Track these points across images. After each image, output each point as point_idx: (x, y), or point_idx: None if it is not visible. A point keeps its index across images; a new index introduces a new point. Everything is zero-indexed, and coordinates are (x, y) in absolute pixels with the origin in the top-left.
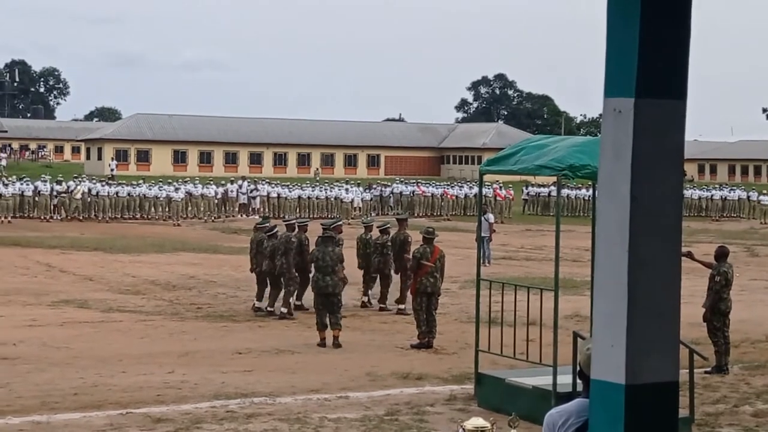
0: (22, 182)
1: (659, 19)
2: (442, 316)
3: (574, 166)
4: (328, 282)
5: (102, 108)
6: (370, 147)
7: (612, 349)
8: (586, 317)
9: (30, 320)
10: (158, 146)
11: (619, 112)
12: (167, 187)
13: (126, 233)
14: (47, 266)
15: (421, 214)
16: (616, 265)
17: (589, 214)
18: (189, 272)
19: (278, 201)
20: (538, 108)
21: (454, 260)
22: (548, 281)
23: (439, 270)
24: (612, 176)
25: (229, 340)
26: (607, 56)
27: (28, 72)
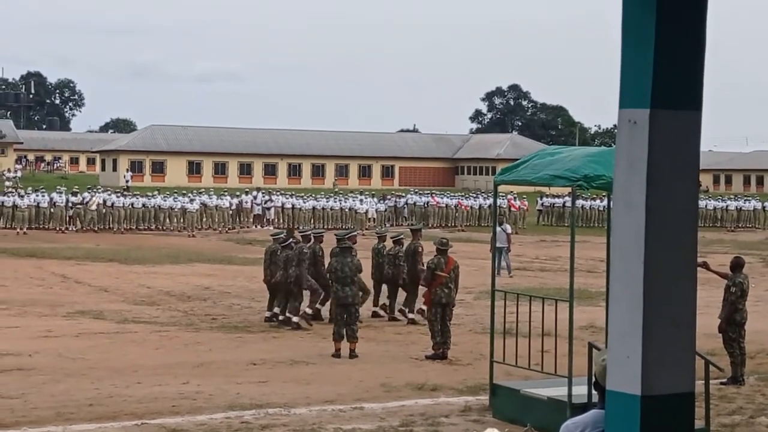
0: (38, 194)
1: (674, 30)
2: (456, 326)
3: (588, 176)
4: (348, 293)
5: (117, 119)
6: (384, 158)
7: (628, 360)
8: (601, 328)
9: (45, 331)
10: (173, 157)
11: (635, 123)
12: (182, 199)
13: (141, 244)
14: (62, 277)
15: (436, 224)
16: (632, 276)
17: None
18: (204, 283)
19: (293, 212)
20: (553, 118)
21: (469, 271)
22: (563, 292)
23: (454, 281)
24: (627, 187)
25: (243, 351)
26: (622, 67)
27: (43, 84)
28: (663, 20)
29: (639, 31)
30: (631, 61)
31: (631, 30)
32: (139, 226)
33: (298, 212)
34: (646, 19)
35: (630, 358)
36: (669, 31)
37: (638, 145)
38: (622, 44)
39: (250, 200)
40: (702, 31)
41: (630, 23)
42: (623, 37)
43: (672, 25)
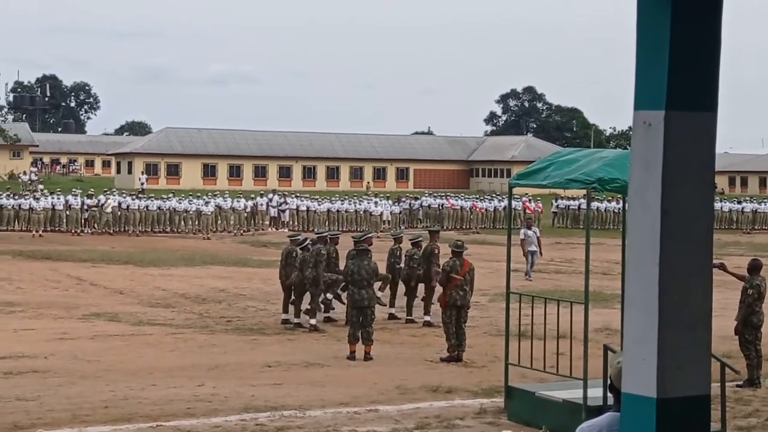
0: (54, 196)
1: (689, 31)
2: (471, 329)
3: (603, 179)
4: (364, 295)
5: (132, 122)
6: (399, 160)
7: (643, 363)
8: (616, 330)
9: (61, 333)
10: (188, 160)
11: (649, 125)
12: (197, 201)
13: (156, 247)
14: (78, 279)
15: (450, 227)
16: (647, 278)
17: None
18: (219, 285)
19: (307, 214)
20: (568, 121)
21: (484, 273)
22: (578, 294)
23: (469, 283)
24: (642, 189)
25: (258, 353)
26: (637, 69)
27: (59, 87)
28: (678, 21)
29: (654, 33)
30: (646, 62)
31: (645, 31)
32: (154, 228)
33: (313, 214)
34: (660, 21)
35: (645, 361)
36: (684, 32)
37: (653, 147)
38: (636, 46)
39: (265, 202)
40: (717, 32)
41: (645, 25)
42: (638, 38)
43: (687, 27)
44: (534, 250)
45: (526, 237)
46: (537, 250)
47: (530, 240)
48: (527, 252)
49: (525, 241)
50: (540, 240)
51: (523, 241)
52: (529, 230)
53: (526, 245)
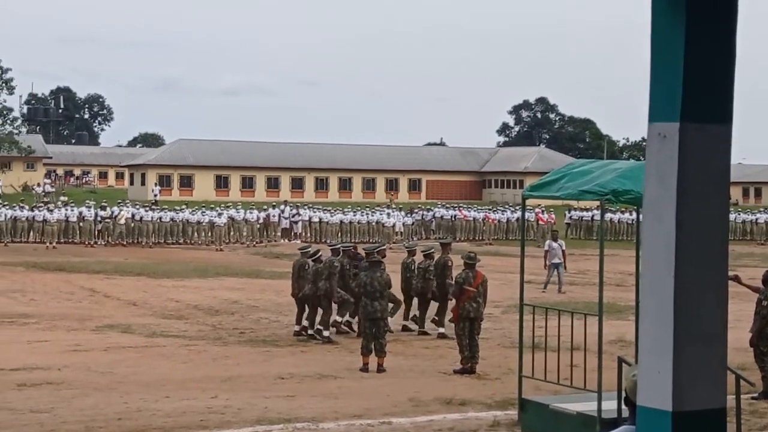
0: (67, 208)
1: (704, 43)
2: (484, 341)
3: (617, 191)
4: (377, 307)
5: (145, 134)
6: (411, 171)
7: (658, 376)
8: (630, 342)
9: (74, 345)
10: (201, 171)
11: (664, 137)
12: (210, 212)
13: (169, 258)
14: (91, 291)
15: (463, 238)
16: (662, 290)
17: (632, 239)
18: (231, 297)
19: (320, 226)
20: (580, 132)
21: (497, 285)
22: (592, 306)
23: (482, 295)
24: (657, 201)
25: (271, 365)
26: (652, 80)
27: (72, 99)
28: (692, 33)
29: (668, 44)
30: (661, 74)
31: (660, 43)
32: (167, 240)
33: (326, 226)
34: (675, 32)
35: (661, 374)
36: (698, 43)
37: (668, 159)
38: (651, 57)
39: (278, 214)
40: (732, 43)
41: (659, 36)
42: (652, 49)
43: (701, 38)
44: (558, 262)
45: (551, 249)
46: (561, 263)
47: (554, 252)
48: (550, 264)
49: (549, 253)
50: (565, 252)
51: (548, 252)
52: (555, 242)
53: (550, 257)
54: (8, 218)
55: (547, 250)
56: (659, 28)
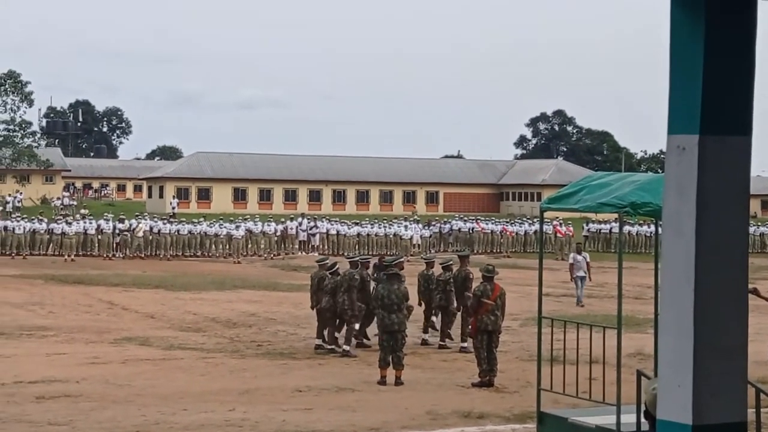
0: (86, 220)
1: (723, 56)
2: (502, 354)
3: (635, 203)
4: (394, 320)
5: (163, 147)
6: (428, 184)
7: (678, 389)
8: (649, 355)
9: (92, 358)
10: (218, 184)
11: (683, 149)
12: (228, 225)
13: (187, 271)
14: (109, 304)
15: (481, 251)
16: (682, 304)
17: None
18: (249, 309)
19: (337, 238)
20: (598, 144)
21: (515, 297)
22: (610, 319)
23: (500, 308)
24: (677, 213)
25: (289, 378)
26: (671, 93)
27: (91, 112)
28: (711, 46)
29: (687, 57)
30: (680, 87)
31: (679, 56)
32: (185, 252)
33: (343, 238)
34: (694, 45)
35: (681, 387)
36: (717, 56)
37: (687, 172)
38: (670, 70)
39: (295, 226)
40: (751, 56)
41: (678, 49)
42: (671, 62)
43: (720, 51)
44: (583, 275)
45: (576, 262)
46: (586, 276)
47: (579, 265)
48: (575, 277)
49: (574, 266)
50: (589, 265)
51: (572, 265)
52: (579, 255)
53: (575, 270)
54: (27, 231)
55: (572, 263)
56: (678, 42)
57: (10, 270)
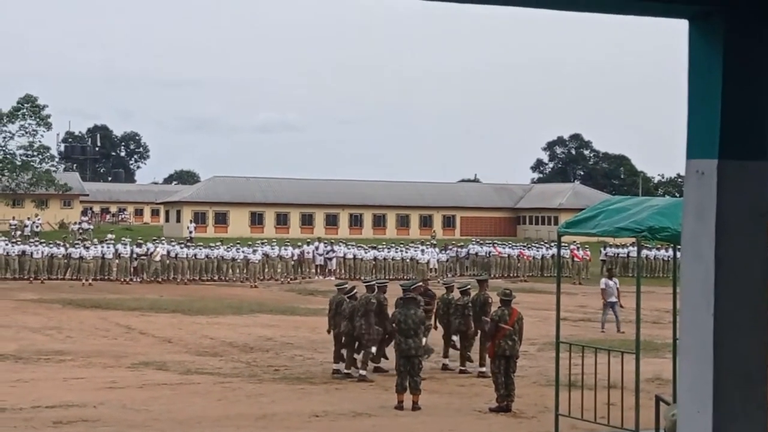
0: (103, 245)
1: (741, 80)
2: (520, 379)
3: (653, 228)
4: (411, 345)
5: (181, 171)
6: (445, 208)
7: (698, 415)
8: (667, 380)
9: (110, 382)
10: (235, 208)
11: (702, 174)
12: (245, 249)
13: (204, 295)
14: (127, 328)
15: (498, 275)
16: (701, 328)
17: (668, 275)
18: (266, 334)
19: (354, 262)
20: (615, 168)
21: (532, 322)
22: (628, 343)
23: (518, 332)
24: (696, 238)
25: (306, 403)
26: (689, 117)
27: (109, 137)
28: (729, 70)
29: (706, 81)
30: (698, 111)
31: (697, 80)
32: (202, 276)
33: (360, 262)
34: (712, 69)
35: (700, 413)
36: (736, 80)
37: (706, 196)
38: (688, 94)
39: (312, 250)
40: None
41: (696, 73)
42: (689, 86)
43: (739, 75)
44: (614, 301)
45: (607, 287)
46: (617, 302)
47: (610, 291)
48: (607, 302)
49: (605, 292)
50: (619, 290)
51: (604, 291)
52: (610, 281)
53: (607, 296)
54: (45, 255)
55: (603, 288)
56: (697, 66)
57: (29, 294)
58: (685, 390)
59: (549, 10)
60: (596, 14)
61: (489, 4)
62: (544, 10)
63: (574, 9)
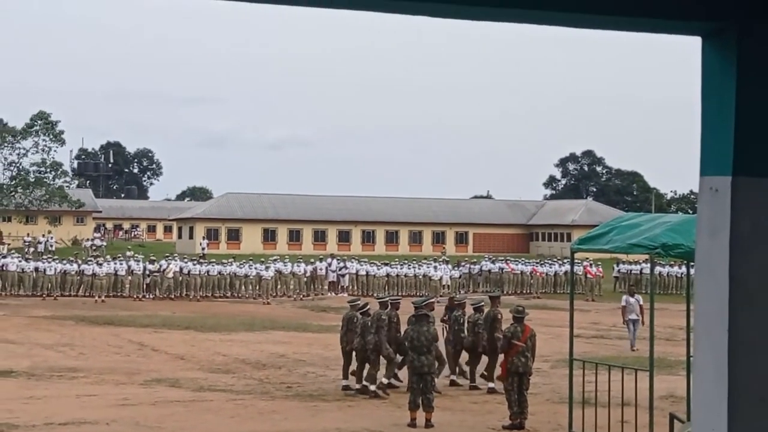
0: (116, 261)
1: (756, 94)
2: (533, 396)
3: (666, 245)
4: (423, 362)
5: (193, 187)
6: (458, 224)
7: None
8: (681, 398)
9: (122, 399)
10: (248, 225)
11: (716, 191)
12: (257, 266)
13: (217, 312)
14: (139, 345)
15: (510, 291)
16: (716, 346)
17: (681, 292)
18: (278, 351)
19: (367, 279)
20: (628, 184)
21: (545, 339)
22: (642, 360)
23: (530, 349)
24: (709, 255)
25: (318, 420)
26: (703, 133)
27: (122, 153)
28: (743, 86)
29: (719, 97)
30: (712, 127)
31: (711, 95)
32: (215, 293)
33: (372, 279)
34: (726, 85)
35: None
36: (750, 96)
37: (720, 213)
38: (702, 110)
39: (325, 267)
40: None
41: (710, 88)
42: (703, 102)
43: (753, 91)
44: (636, 318)
45: (628, 304)
46: (639, 319)
47: (632, 308)
48: (627, 320)
49: (626, 309)
50: (642, 308)
51: (624, 308)
52: (632, 297)
53: (627, 313)
54: (58, 272)
55: (624, 306)
56: (710, 81)
57: (41, 311)
58: (700, 408)
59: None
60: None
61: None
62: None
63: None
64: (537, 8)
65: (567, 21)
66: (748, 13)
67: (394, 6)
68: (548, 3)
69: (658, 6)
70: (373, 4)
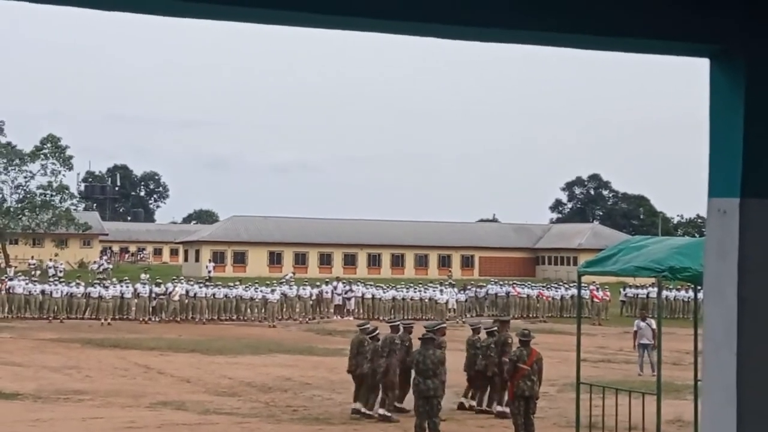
0: (122, 284)
1: (764, 118)
2: (540, 420)
3: (674, 268)
4: (429, 385)
5: (200, 210)
6: (464, 248)
7: None
8: (689, 422)
9: (128, 422)
10: (254, 248)
11: (724, 213)
12: (263, 289)
13: (222, 335)
14: (145, 368)
15: (517, 315)
16: (724, 370)
17: (689, 316)
18: (284, 374)
19: (373, 302)
20: (634, 208)
21: (552, 363)
22: (649, 385)
23: (537, 373)
24: (718, 278)
25: None
26: (711, 155)
27: (129, 176)
28: (752, 107)
29: (727, 119)
30: (720, 149)
31: (718, 117)
32: (221, 316)
33: (378, 302)
34: (734, 106)
35: None
36: (758, 118)
37: (728, 236)
38: (710, 132)
39: (331, 290)
40: None
41: (717, 110)
42: (710, 124)
43: (762, 110)
44: (647, 343)
45: (639, 329)
46: (651, 344)
47: (643, 332)
48: (639, 344)
49: (638, 333)
50: (655, 332)
51: (636, 332)
52: (643, 322)
53: (639, 337)
54: (64, 295)
55: (635, 330)
56: (717, 103)
57: (48, 334)
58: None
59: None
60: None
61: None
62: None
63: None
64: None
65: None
66: (755, 34)
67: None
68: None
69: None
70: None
